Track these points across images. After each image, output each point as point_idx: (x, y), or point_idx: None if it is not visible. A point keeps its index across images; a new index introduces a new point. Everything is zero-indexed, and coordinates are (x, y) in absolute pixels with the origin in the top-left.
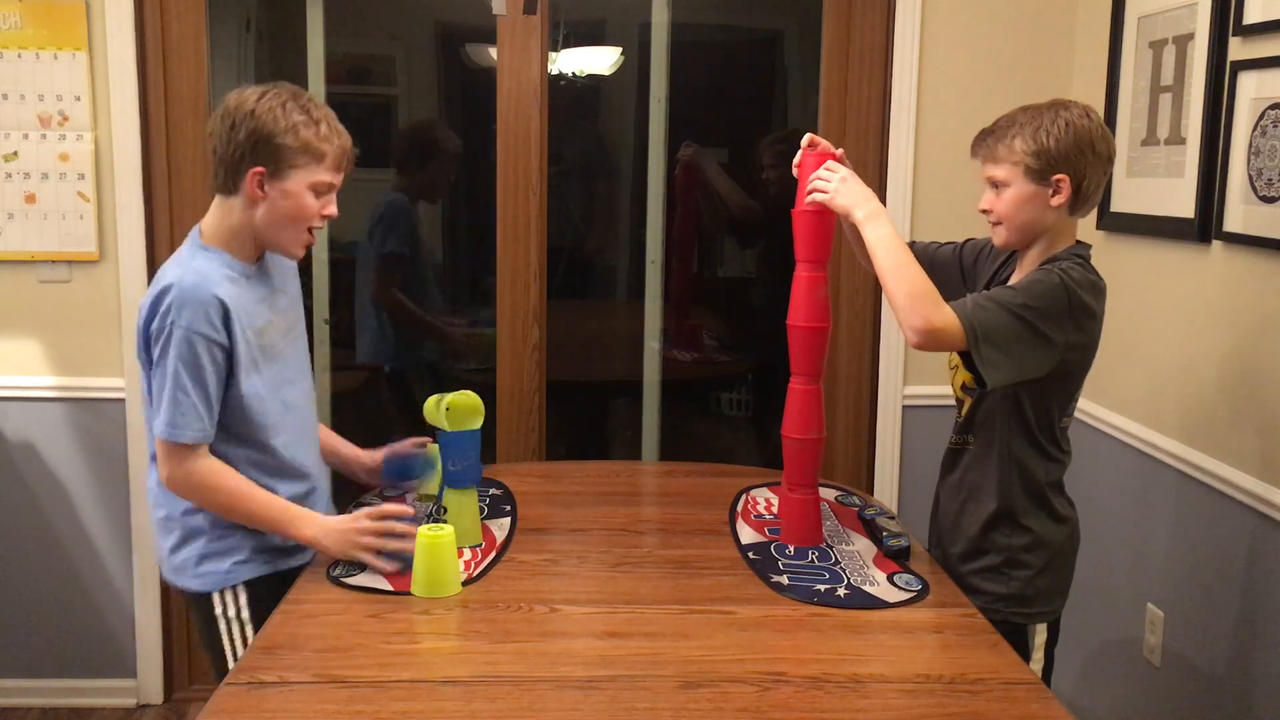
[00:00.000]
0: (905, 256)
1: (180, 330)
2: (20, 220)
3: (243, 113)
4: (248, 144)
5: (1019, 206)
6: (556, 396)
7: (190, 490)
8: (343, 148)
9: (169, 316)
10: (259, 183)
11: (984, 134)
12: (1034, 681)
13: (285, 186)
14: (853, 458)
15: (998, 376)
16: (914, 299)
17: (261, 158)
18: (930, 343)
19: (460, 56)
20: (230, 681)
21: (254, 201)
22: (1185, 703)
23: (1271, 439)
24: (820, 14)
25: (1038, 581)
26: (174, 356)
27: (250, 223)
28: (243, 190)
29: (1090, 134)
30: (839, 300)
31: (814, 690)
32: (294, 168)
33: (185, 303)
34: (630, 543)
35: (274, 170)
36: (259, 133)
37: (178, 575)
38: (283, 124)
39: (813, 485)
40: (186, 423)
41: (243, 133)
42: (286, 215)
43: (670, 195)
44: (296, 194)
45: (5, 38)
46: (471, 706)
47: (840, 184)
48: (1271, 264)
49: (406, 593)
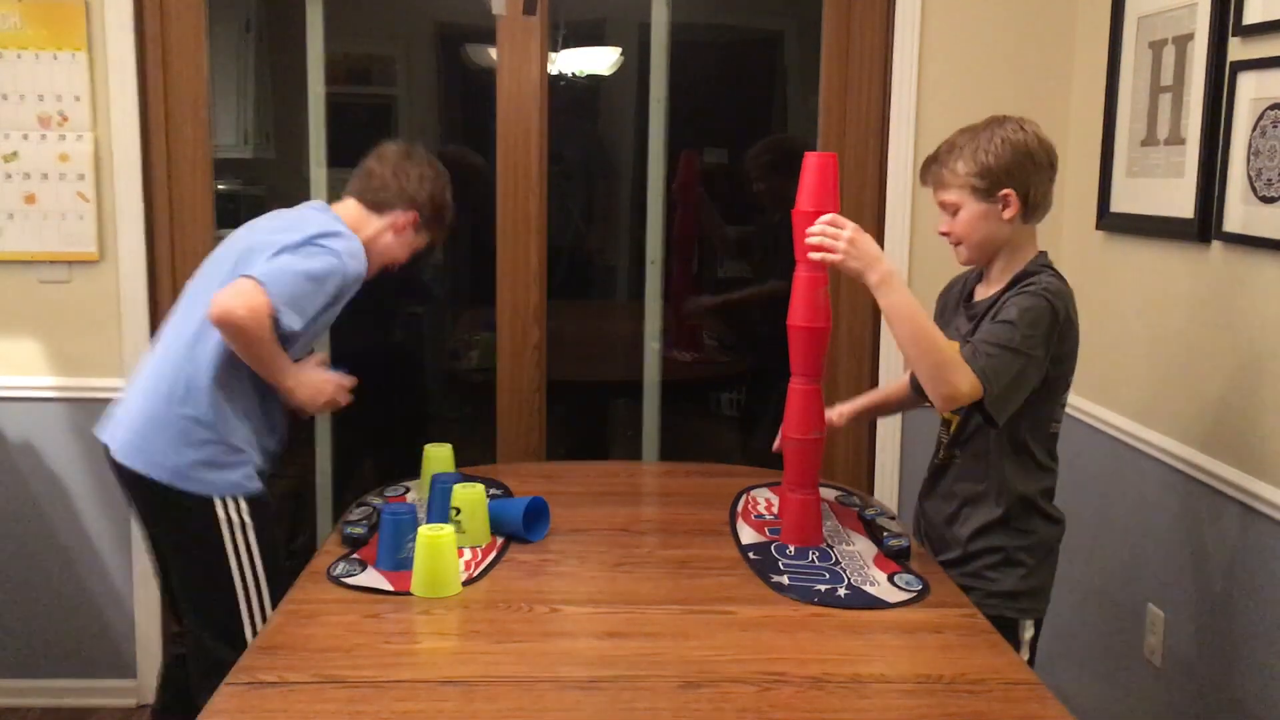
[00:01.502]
0: (924, 323)
1: (341, 264)
2: (20, 220)
3: (438, 171)
4: (438, 204)
5: (973, 225)
6: (557, 397)
7: (256, 321)
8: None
9: (335, 249)
10: (411, 225)
11: (928, 162)
12: (1034, 682)
13: (408, 236)
14: (853, 458)
15: (1006, 414)
16: (939, 369)
17: (424, 217)
18: (956, 405)
19: (460, 56)
20: (230, 681)
21: (395, 231)
22: (1186, 703)
23: (1272, 439)
24: (820, 14)
25: (1031, 579)
26: (323, 266)
27: (375, 239)
28: (392, 218)
29: (1027, 145)
30: (839, 300)
31: (814, 690)
32: (423, 231)
33: (355, 254)
34: (631, 543)
35: (417, 227)
36: (438, 203)
37: (180, 479)
38: (448, 199)
39: (813, 485)
40: (291, 299)
41: (430, 188)
42: (390, 254)
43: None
44: (408, 247)
45: (5, 38)
46: (472, 707)
47: (849, 245)
48: (1271, 264)
49: (407, 593)
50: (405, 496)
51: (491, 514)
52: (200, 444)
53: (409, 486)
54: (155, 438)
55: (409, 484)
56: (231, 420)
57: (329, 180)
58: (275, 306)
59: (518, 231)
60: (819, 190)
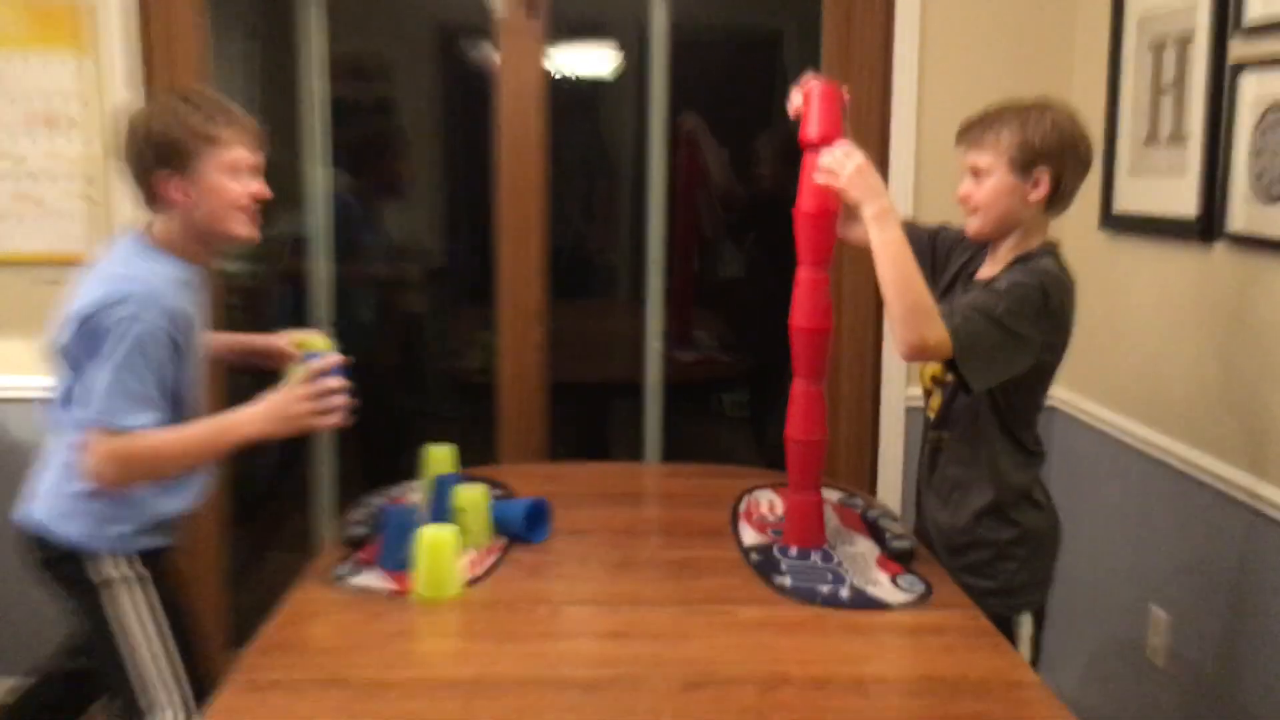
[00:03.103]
0: (910, 267)
1: (142, 326)
2: (20, 220)
3: (134, 126)
4: (150, 154)
5: (998, 196)
6: (558, 397)
7: (127, 468)
8: (238, 124)
9: (125, 315)
10: (174, 186)
11: (970, 122)
12: (1036, 683)
13: (199, 182)
14: (855, 459)
15: (981, 383)
16: (914, 313)
17: (165, 161)
18: (920, 356)
19: (460, 56)
20: (230, 682)
21: (181, 206)
22: (1189, 704)
23: (1274, 440)
24: (820, 14)
25: (1022, 574)
26: (127, 350)
27: (188, 229)
28: (166, 200)
29: (1075, 135)
30: (841, 301)
31: (816, 691)
32: (196, 159)
33: (149, 303)
34: (632, 544)
35: (182, 169)
36: (154, 139)
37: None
38: (167, 121)
39: (815, 487)
40: (129, 404)
41: (139, 145)
42: (215, 207)
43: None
44: (213, 184)
45: (5, 38)
46: (472, 707)
47: (855, 174)
48: (1274, 264)
49: (408, 593)
50: (407, 497)
51: (493, 515)
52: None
53: (411, 487)
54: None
55: (411, 485)
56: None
57: (329, 180)
58: (122, 428)
59: (518, 231)
60: (819, 189)
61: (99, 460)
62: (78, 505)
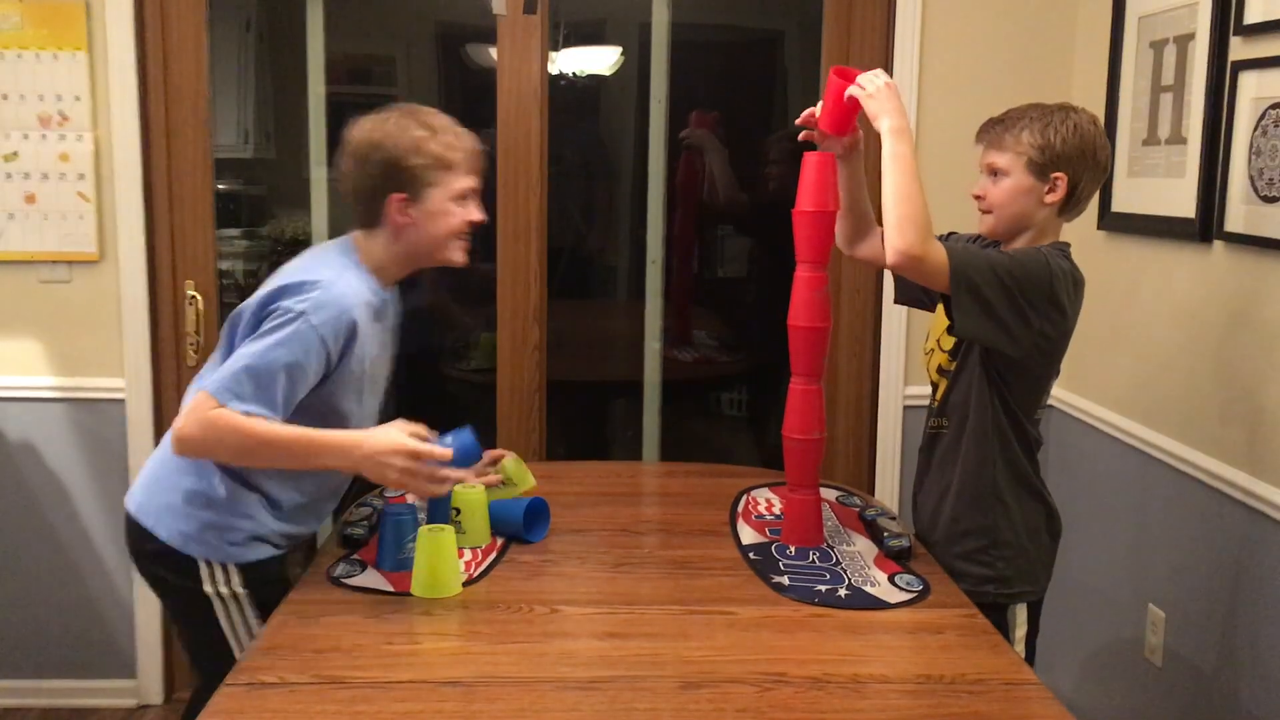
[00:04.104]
0: (916, 185)
1: (306, 324)
2: (20, 220)
3: (368, 145)
4: (380, 175)
5: (1013, 197)
6: (557, 396)
7: (214, 434)
8: (470, 150)
9: (297, 307)
10: (401, 209)
11: (992, 122)
12: (1035, 682)
13: (427, 206)
14: (854, 458)
15: (969, 326)
16: (909, 222)
17: (397, 184)
18: (910, 267)
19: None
20: (230, 682)
21: (402, 228)
22: (1187, 704)
23: (1274, 439)
24: (820, 14)
25: (1018, 561)
26: (278, 340)
27: (403, 250)
28: (388, 220)
29: (1095, 141)
30: (839, 300)
31: (815, 691)
32: (430, 185)
33: (326, 305)
34: (631, 543)
35: (413, 193)
36: (390, 162)
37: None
38: (406, 144)
39: (814, 485)
40: (254, 400)
41: (372, 165)
42: (438, 233)
43: (670, 187)
44: (440, 210)
45: (5, 38)
46: (472, 707)
47: (885, 89)
48: (1273, 264)
49: (407, 593)
50: (405, 497)
51: (492, 514)
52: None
53: None
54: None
55: None
56: (241, 491)
57: (329, 181)
58: (230, 406)
59: (518, 231)
60: (818, 189)
61: (190, 419)
62: (187, 510)
